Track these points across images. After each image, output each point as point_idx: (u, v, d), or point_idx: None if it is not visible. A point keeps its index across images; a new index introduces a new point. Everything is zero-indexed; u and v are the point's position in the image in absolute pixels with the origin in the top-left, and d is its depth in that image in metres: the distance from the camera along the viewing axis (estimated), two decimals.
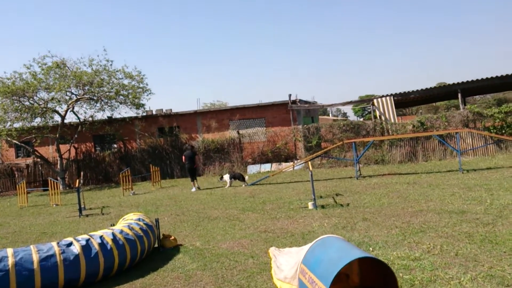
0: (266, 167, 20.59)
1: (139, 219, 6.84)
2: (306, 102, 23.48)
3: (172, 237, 7.37)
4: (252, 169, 20.81)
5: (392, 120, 19.47)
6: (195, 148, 18.43)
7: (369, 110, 68.21)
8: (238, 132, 22.16)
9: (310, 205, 9.71)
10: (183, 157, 16.34)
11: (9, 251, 5.03)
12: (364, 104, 24.09)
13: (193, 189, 15.66)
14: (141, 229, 6.50)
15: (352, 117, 74.17)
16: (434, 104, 52.24)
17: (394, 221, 7.63)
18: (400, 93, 20.16)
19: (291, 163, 19.86)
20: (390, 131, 19.04)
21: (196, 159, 16.58)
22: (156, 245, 7.20)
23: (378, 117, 20.00)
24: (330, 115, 63.11)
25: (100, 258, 5.51)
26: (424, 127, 18.54)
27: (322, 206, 9.66)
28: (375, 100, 20.03)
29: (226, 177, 15.87)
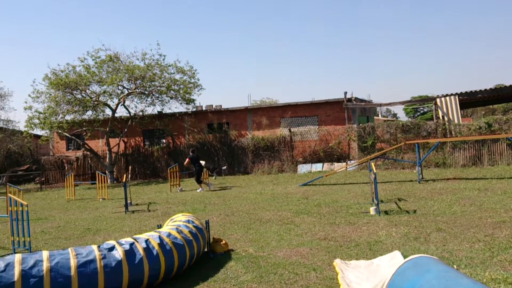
0: (317, 167, 19.65)
1: (188, 221, 6.22)
2: (361, 100, 22.27)
3: (223, 241, 6.71)
4: (303, 168, 19.94)
5: (456, 121, 17.95)
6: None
7: (422, 111, 65.19)
8: (289, 130, 21.34)
9: (372, 210, 8.77)
10: (188, 159, 16.14)
11: (45, 254, 4.51)
12: (427, 103, 22.54)
13: (200, 190, 15.49)
14: (190, 232, 5.87)
15: (402, 117, 71.06)
16: (491, 106, 48.92)
17: (474, 233, 6.58)
18: (466, 92, 18.56)
19: (345, 163, 18.82)
20: (453, 133, 17.54)
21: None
22: (205, 250, 6.56)
23: (440, 117, 18.51)
24: (380, 115, 60.81)
25: (144, 265, 4.91)
26: (492, 129, 16.91)
27: (386, 212, 8.70)
28: (438, 100, 18.56)
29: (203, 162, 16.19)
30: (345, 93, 20.71)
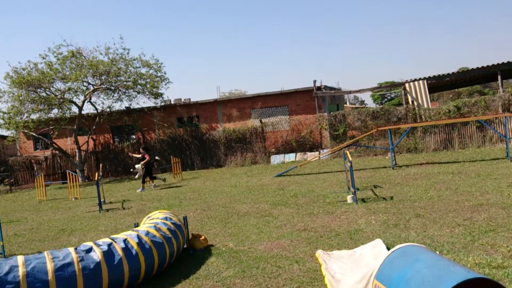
0: (290, 157, 19.70)
1: (166, 218, 6.06)
2: (331, 88, 22.42)
3: (202, 237, 6.59)
4: (276, 159, 19.95)
5: (426, 105, 18.33)
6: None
7: (389, 97, 66.43)
8: (260, 121, 21.27)
9: (349, 198, 8.83)
10: (148, 158, 15.48)
11: (20, 259, 4.28)
12: (395, 88, 22.91)
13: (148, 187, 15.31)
14: (169, 229, 5.72)
15: (370, 104, 72.18)
16: (456, 90, 50.38)
17: (453, 217, 6.70)
18: (434, 76, 18.96)
19: (317, 152, 18.96)
20: (424, 117, 17.92)
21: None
22: (185, 246, 6.43)
23: (410, 102, 18.86)
24: (348, 103, 61.62)
25: (124, 265, 4.74)
26: (461, 112, 17.36)
27: (363, 200, 8.77)
28: (406, 85, 18.89)
29: (138, 166, 15.76)
30: (314, 81, 20.80)
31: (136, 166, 15.42)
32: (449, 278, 2.75)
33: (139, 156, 15.91)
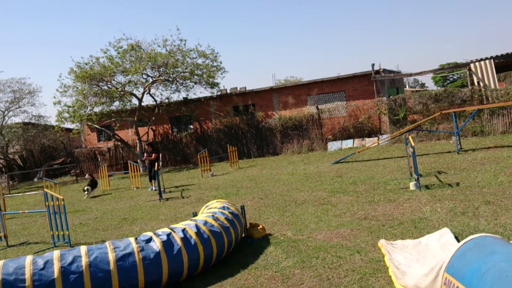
0: (348, 143, 19.21)
1: (223, 208, 6.06)
2: (390, 71, 21.49)
3: (260, 226, 6.54)
4: (333, 146, 19.54)
5: (493, 86, 17.08)
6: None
7: (451, 79, 62.84)
8: (317, 108, 20.87)
9: (411, 185, 8.41)
10: (155, 154, 14.10)
11: (83, 249, 4.44)
12: (459, 69, 21.58)
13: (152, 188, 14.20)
14: (226, 219, 5.72)
15: (431, 87, 68.70)
16: None
17: None
18: (502, 55, 17.59)
19: (376, 138, 18.32)
20: (491, 99, 16.72)
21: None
22: (243, 235, 6.41)
23: (476, 83, 17.66)
24: (407, 86, 58.98)
25: (183, 255, 4.79)
26: None
27: (427, 187, 8.32)
28: (472, 65, 17.68)
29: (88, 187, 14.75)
30: (373, 65, 20.01)
31: (85, 188, 14.48)
32: None
33: (148, 155, 14.24)
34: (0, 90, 27.75)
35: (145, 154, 14.64)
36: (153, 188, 13.88)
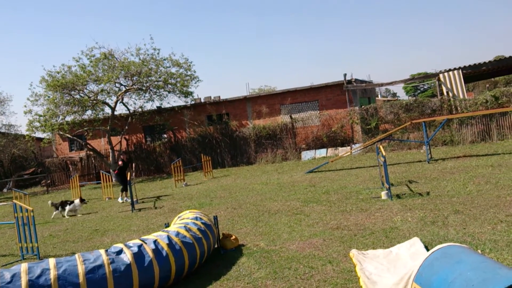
0: (321, 153, 19.41)
1: (196, 218, 6.00)
2: (362, 81, 21.93)
3: (233, 237, 6.50)
4: (307, 155, 19.70)
5: (461, 96, 17.62)
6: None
7: (422, 89, 64.53)
8: (290, 117, 21.04)
9: (383, 194, 8.55)
10: (120, 162, 13.94)
11: (51, 262, 4.31)
12: (429, 79, 22.18)
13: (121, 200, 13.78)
14: (199, 229, 5.66)
15: (403, 96, 70.28)
16: (492, 79, 48.32)
17: (494, 213, 6.35)
18: (470, 65, 18.19)
19: (349, 147, 18.58)
20: (459, 108, 17.24)
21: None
22: (215, 246, 6.36)
23: (445, 93, 18.18)
24: (379, 95, 60.12)
25: (154, 267, 4.71)
26: (499, 102, 16.59)
27: (398, 196, 8.47)
28: (441, 75, 18.21)
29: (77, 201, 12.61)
30: (345, 75, 20.40)
31: (75, 201, 12.41)
32: (495, 281, 2.53)
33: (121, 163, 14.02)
34: None
35: (119, 163, 14.31)
36: (126, 200, 13.53)
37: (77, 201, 12.29)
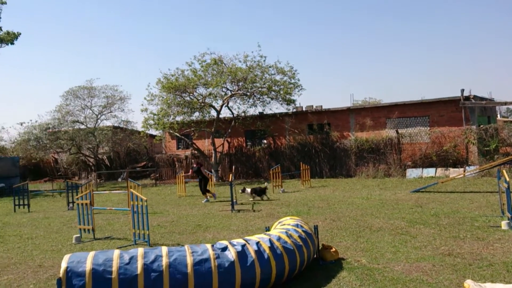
0: (429, 172, 18.14)
1: (297, 225, 5.91)
2: (481, 98, 20.10)
3: (333, 249, 6.28)
4: (412, 173, 18.57)
5: None
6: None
7: None
8: (396, 131, 20.05)
9: (503, 224, 7.65)
10: (191, 171, 15.14)
11: (164, 250, 4.57)
12: None
13: (205, 200, 14.47)
14: (300, 237, 5.56)
15: None
16: None
17: None
18: None
19: (462, 169, 17.10)
20: None
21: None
22: (315, 256, 6.20)
23: None
24: (499, 115, 54.77)
25: (256, 268, 4.71)
26: None
27: None
28: None
29: (248, 191, 14.11)
30: (462, 90, 18.84)
31: (247, 189, 14.19)
32: None
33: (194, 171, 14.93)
34: (95, 95, 30.13)
35: (191, 171, 15.34)
36: (208, 200, 14.38)
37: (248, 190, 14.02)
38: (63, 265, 4.26)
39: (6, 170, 24.93)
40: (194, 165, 15.13)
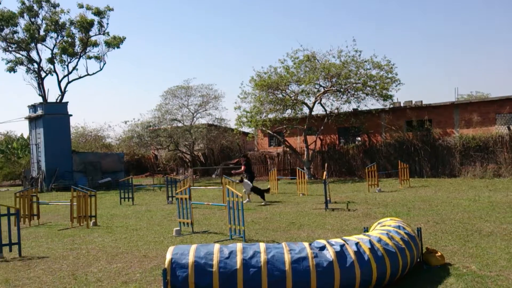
0: None
1: (399, 227, 5.63)
2: None
3: (439, 253, 5.90)
4: None
5: None
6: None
7: None
8: (508, 128, 18.25)
9: None
10: (244, 167, 14.88)
11: (262, 246, 4.63)
12: None
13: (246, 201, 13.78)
14: (402, 239, 5.29)
15: None
16: None
17: None
18: None
19: None
20: None
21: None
22: (418, 260, 5.86)
23: None
24: None
25: (356, 269, 4.58)
26: None
27: None
28: None
29: (247, 185, 13.69)
30: None
31: (244, 180, 14.15)
32: None
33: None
34: (192, 94, 31.72)
35: (242, 167, 15.16)
36: (247, 201, 13.85)
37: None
38: (168, 256, 4.50)
39: (113, 165, 27.33)
40: (243, 161, 15.16)
